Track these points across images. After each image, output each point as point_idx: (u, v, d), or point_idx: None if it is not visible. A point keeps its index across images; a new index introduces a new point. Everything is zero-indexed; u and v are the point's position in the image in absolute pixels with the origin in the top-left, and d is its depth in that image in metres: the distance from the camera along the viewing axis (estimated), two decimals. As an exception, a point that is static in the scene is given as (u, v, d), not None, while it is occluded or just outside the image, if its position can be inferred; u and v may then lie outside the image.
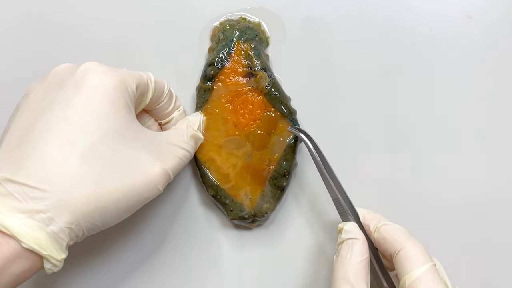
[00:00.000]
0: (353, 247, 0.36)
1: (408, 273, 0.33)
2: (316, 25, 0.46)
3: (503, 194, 0.44)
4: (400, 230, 0.36)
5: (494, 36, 0.46)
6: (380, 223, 0.37)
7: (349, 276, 0.35)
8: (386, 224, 0.37)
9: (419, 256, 0.34)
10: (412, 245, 0.35)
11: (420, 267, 0.33)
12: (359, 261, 0.35)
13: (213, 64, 0.43)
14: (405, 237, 0.35)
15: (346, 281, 0.34)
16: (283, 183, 0.42)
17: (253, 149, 0.42)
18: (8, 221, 0.30)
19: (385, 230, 0.36)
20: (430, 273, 0.33)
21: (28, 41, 0.46)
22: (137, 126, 0.36)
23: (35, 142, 0.32)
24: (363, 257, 0.35)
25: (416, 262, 0.34)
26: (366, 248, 0.36)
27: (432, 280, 0.33)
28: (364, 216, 0.38)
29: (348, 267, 0.35)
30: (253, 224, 0.43)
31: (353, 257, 0.35)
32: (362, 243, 0.36)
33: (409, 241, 0.35)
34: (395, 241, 0.35)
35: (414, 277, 0.33)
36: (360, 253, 0.36)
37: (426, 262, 0.34)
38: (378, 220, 0.37)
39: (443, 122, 0.45)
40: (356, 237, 0.36)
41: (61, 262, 0.32)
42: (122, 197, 0.33)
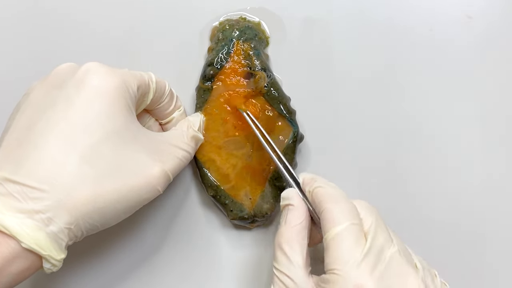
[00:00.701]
0: (288, 213, 0.36)
1: (325, 234, 0.33)
2: (316, 25, 0.46)
3: (503, 194, 0.44)
4: (327, 193, 0.35)
5: (494, 36, 0.46)
6: (313, 186, 0.36)
7: (281, 242, 0.34)
8: (318, 186, 0.36)
9: (336, 216, 0.33)
10: (333, 206, 0.34)
11: (335, 227, 0.33)
12: (292, 226, 0.35)
13: (212, 64, 0.43)
14: (328, 198, 0.34)
15: (278, 246, 0.34)
16: (283, 184, 0.42)
17: (253, 149, 0.42)
18: (8, 221, 0.30)
19: (316, 192, 0.35)
20: (345, 233, 0.32)
21: (28, 41, 0.46)
22: (138, 127, 0.36)
23: (35, 142, 0.32)
24: (296, 222, 0.35)
25: (332, 222, 0.33)
26: (301, 213, 0.35)
27: (346, 241, 0.32)
28: (303, 180, 0.37)
29: (282, 233, 0.35)
30: (253, 225, 0.43)
31: (287, 223, 0.35)
32: (296, 208, 0.36)
33: (330, 203, 0.34)
34: (320, 203, 0.34)
35: (329, 237, 0.32)
36: (294, 218, 0.35)
37: (343, 222, 0.33)
38: (313, 182, 0.36)
39: (443, 122, 0.45)
40: (291, 203, 0.36)
41: (60, 262, 0.32)
42: (122, 198, 0.33)
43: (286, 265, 0.34)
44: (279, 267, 0.34)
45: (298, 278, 0.33)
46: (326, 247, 0.33)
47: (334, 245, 0.32)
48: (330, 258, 0.32)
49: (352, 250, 0.32)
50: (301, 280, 0.33)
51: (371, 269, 0.31)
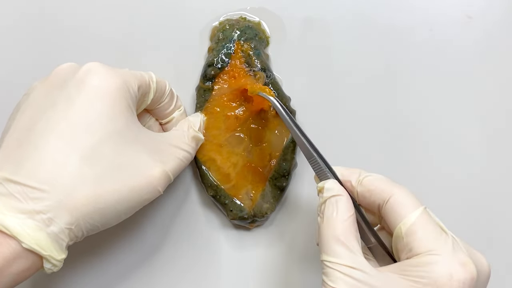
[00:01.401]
0: (338, 204, 0.34)
1: (403, 220, 0.32)
2: (316, 25, 0.46)
3: (503, 194, 0.44)
4: (384, 179, 0.34)
5: (494, 36, 0.46)
6: (361, 176, 0.35)
7: (339, 234, 0.32)
8: (368, 175, 0.35)
9: (410, 201, 0.33)
10: (401, 191, 0.33)
11: (413, 212, 0.32)
12: (346, 218, 0.33)
13: (212, 64, 0.43)
14: (391, 184, 0.34)
15: (336, 240, 0.32)
16: (283, 184, 0.42)
17: (252, 144, 0.42)
18: (9, 221, 0.30)
19: (369, 181, 0.34)
20: (425, 216, 0.32)
21: (29, 41, 0.46)
22: (138, 127, 0.36)
23: (36, 142, 0.32)
24: (350, 213, 0.33)
25: (409, 207, 0.32)
26: (351, 204, 0.34)
27: (429, 223, 0.32)
28: (342, 173, 0.36)
29: (337, 225, 0.33)
30: (252, 225, 0.43)
31: (339, 214, 0.33)
32: (346, 199, 0.34)
33: (396, 188, 0.33)
34: (383, 191, 0.33)
35: (409, 222, 0.32)
36: (346, 209, 0.33)
37: (418, 206, 0.33)
38: (358, 173, 0.35)
39: (443, 122, 0.45)
40: (340, 193, 0.34)
41: (60, 262, 0.32)
42: (122, 198, 0.33)
43: (349, 257, 0.31)
44: (339, 261, 0.31)
45: (368, 268, 0.31)
46: (408, 233, 0.32)
47: (419, 228, 0.32)
48: (420, 241, 0.31)
49: (439, 232, 0.32)
50: (372, 270, 0.31)
51: (460, 248, 0.31)
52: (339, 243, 0.32)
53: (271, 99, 0.39)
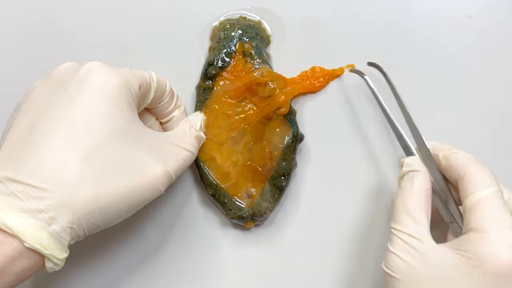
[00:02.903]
0: (413, 178, 0.36)
1: (469, 196, 0.33)
2: (316, 25, 0.46)
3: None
4: (467, 156, 0.35)
5: (494, 36, 0.46)
6: (448, 152, 0.36)
7: (408, 206, 0.34)
8: (455, 152, 0.36)
9: (483, 179, 0.33)
10: (477, 169, 0.34)
11: (482, 190, 0.33)
12: (419, 192, 0.35)
13: (213, 63, 0.43)
14: (471, 161, 0.35)
15: (405, 211, 0.34)
16: (282, 183, 0.42)
17: (252, 140, 0.42)
18: (11, 220, 0.30)
19: (453, 157, 0.36)
20: (493, 196, 0.33)
21: (29, 41, 0.46)
22: (140, 126, 0.36)
23: (38, 141, 0.32)
24: (424, 188, 0.35)
25: (479, 184, 0.33)
26: (427, 180, 0.36)
27: (496, 204, 0.32)
28: (433, 147, 0.38)
29: (408, 198, 0.35)
30: (250, 224, 0.43)
31: (413, 188, 0.35)
32: (423, 174, 0.36)
33: (474, 165, 0.34)
34: (460, 166, 0.35)
35: (475, 199, 0.33)
36: (421, 183, 0.35)
37: (490, 185, 0.33)
38: (447, 149, 0.37)
39: (443, 122, 0.45)
40: (417, 169, 0.36)
41: (62, 261, 0.32)
42: (123, 197, 0.33)
43: (412, 227, 0.34)
44: (403, 229, 0.34)
45: (427, 239, 0.33)
46: (471, 208, 0.33)
47: (482, 206, 0.32)
48: (478, 217, 0.32)
49: (502, 213, 0.32)
50: (429, 240, 0.33)
51: None
52: (407, 213, 0.34)
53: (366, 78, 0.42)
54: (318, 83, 0.45)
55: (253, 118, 0.42)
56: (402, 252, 0.33)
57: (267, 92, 0.42)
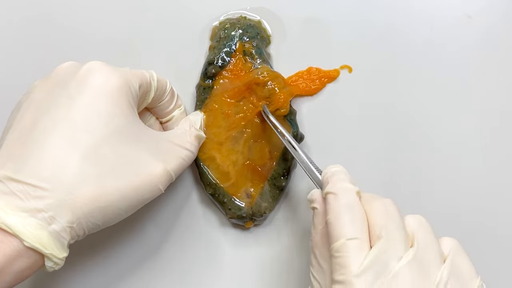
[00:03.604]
0: (313, 217, 0.34)
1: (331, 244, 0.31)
2: (316, 25, 0.46)
3: (502, 193, 0.44)
4: (333, 201, 0.32)
5: (494, 35, 0.46)
6: (324, 191, 0.34)
7: (312, 245, 0.34)
8: (328, 192, 0.33)
9: (336, 232, 0.31)
10: (333, 219, 0.32)
11: (334, 243, 0.31)
12: (318, 231, 0.34)
13: (213, 63, 0.43)
14: (331, 209, 0.32)
15: (311, 251, 0.34)
16: (282, 183, 0.42)
17: (252, 139, 0.42)
18: (10, 219, 0.30)
19: (326, 200, 0.33)
20: (345, 248, 0.30)
21: (29, 41, 0.46)
22: (140, 125, 0.36)
23: (38, 141, 0.32)
24: (320, 227, 0.34)
25: (332, 237, 0.31)
26: (323, 217, 0.34)
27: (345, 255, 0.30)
28: (322, 180, 0.35)
29: (312, 238, 0.34)
30: (249, 224, 0.43)
31: (314, 227, 0.34)
32: (319, 212, 0.34)
33: (331, 214, 0.32)
34: (326, 214, 0.33)
35: (331, 251, 0.31)
36: (317, 222, 0.34)
37: (339, 237, 0.31)
38: (326, 185, 0.34)
39: (443, 122, 0.45)
40: (315, 206, 0.34)
41: (62, 260, 0.32)
42: (123, 197, 0.33)
43: (316, 270, 0.33)
44: (312, 271, 0.33)
45: (325, 283, 0.32)
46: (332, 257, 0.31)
47: (332, 263, 0.31)
48: (331, 276, 0.31)
49: (348, 269, 0.29)
50: (327, 285, 0.32)
51: (368, 286, 0.29)
52: (312, 254, 0.34)
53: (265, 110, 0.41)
54: (315, 86, 0.45)
55: (252, 115, 0.42)
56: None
57: (266, 92, 0.42)
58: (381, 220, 0.32)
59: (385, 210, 0.32)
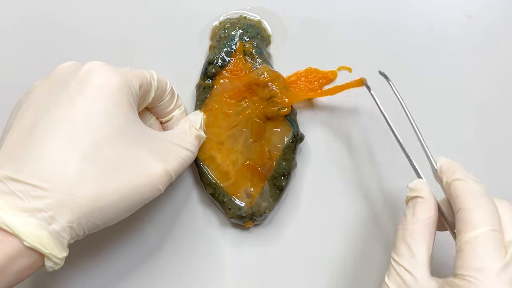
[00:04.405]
0: (415, 206, 0.34)
1: (460, 235, 0.31)
2: (316, 25, 0.46)
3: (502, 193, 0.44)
4: (468, 187, 0.32)
5: (494, 35, 0.46)
6: (451, 178, 0.34)
7: (406, 235, 0.33)
8: (457, 179, 0.33)
9: (476, 218, 0.31)
10: (473, 205, 0.31)
11: (472, 231, 0.30)
12: (420, 220, 0.33)
13: (213, 62, 0.43)
14: (468, 195, 0.32)
15: (402, 240, 0.33)
16: (282, 183, 0.42)
17: (252, 138, 0.42)
18: (10, 219, 0.30)
19: (454, 185, 0.33)
20: (484, 238, 0.30)
21: (29, 41, 0.46)
22: (140, 125, 0.36)
23: (38, 141, 0.32)
24: (425, 216, 0.33)
25: (470, 223, 0.31)
26: (431, 207, 0.33)
27: (485, 246, 0.30)
28: (441, 168, 0.35)
29: (408, 225, 0.33)
30: (249, 223, 0.43)
31: (414, 217, 0.33)
32: (425, 201, 0.34)
33: (470, 200, 0.32)
34: (457, 199, 0.32)
35: (463, 240, 0.30)
36: (423, 212, 0.33)
37: (483, 225, 0.30)
38: (451, 173, 0.34)
39: (443, 122, 0.45)
40: (419, 195, 0.34)
41: (62, 260, 0.32)
42: (124, 197, 0.33)
43: (407, 259, 0.32)
44: (399, 260, 0.33)
45: (420, 274, 0.31)
46: (459, 249, 0.31)
47: (469, 249, 0.30)
48: (463, 262, 0.30)
49: (490, 259, 0.29)
50: (422, 277, 0.31)
51: (509, 283, 0.29)
52: (404, 244, 0.33)
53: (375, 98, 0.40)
54: (313, 87, 0.44)
55: (253, 113, 0.42)
56: (394, 285, 0.32)
57: (267, 94, 0.42)
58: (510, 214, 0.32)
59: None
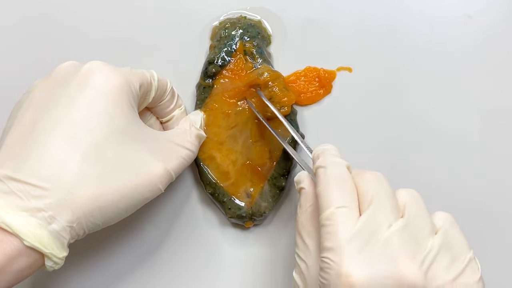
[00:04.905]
0: (300, 197, 0.35)
1: (319, 216, 0.31)
2: (316, 25, 0.46)
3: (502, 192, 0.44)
4: (324, 174, 0.33)
5: (494, 35, 0.46)
6: (315, 166, 0.34)
7: (297, 225, 0.34)
8: (318, 167, 0.34)
9: (324, 202, 0.31)
10: (322, 190, 0.32)
11: (322, 213, 0.31)
12: (304, 211, 0.34)
13: (213, 62, 0.43)
14: (322, 181, 0.32)
15: (297, 232, 0.34)
16: (282, 183, 0.42)
17: (252, 138, 0.42)
18: (10, 219, 0.30)
19: (317, 175, 0.34)
20: (330, 217, 0.30)
21: (29, 41, 0.46)
22: (140, 125, 0.36)
23: (38, 140, 0.32)
24: (307, 205, 0.34)
25: (320, 209, 0.31)
26: (311, 196, 0.34)
27: (331, 226, 0.30)
28: (312, 158, 0.36)
29: (298, 217, 0.35)
30: (249, 223, 0.43)
31: (300, 207, 0.35)
32: (306, 191, 0.35)
33: (321, 186, 0.32)
34: (318, 184, 0.33)
35: (321, 221, 0.31)
36: (304, 202, 0.35)
37: (329, 206, 0.31)
38: (316, 161, 0.35)
39: (443, 122, 0.45)
40: (302, 186, 0.35)
41: (62, 260, 0.32)
42: (124, 196, 0.33)
43: (302, 250, 0.33)
44: (297, 251, 0.34)
45: (311, 262, 0.32)
46: (320, 230, 0.31)
47: (322, 232, 0.31)
48: (321, 244, 0.31)
49: (338, 236, 0.29)
50: (313, 264, 0.32)
51: (357, 253, 0.29)
52: (298, 235, 0.34)
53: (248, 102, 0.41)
54: (313, 88, 0.44)
55: (252, 115, 0.42)
56: (297, 276, 0.33)
57: (267, 94, 0.42)
58: (371, 188, 0.32)
59: (376, 180, 0.33)
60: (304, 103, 0.45)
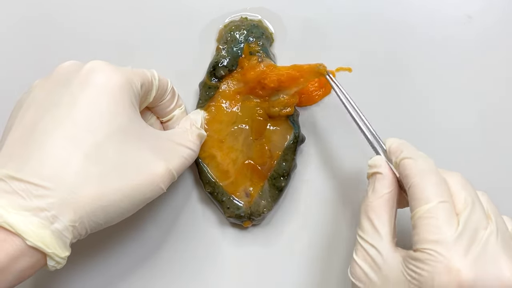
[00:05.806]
0: (375, 182, 0.35)
1: (413, 211, 0.32)
2: (316, 25, 0.46)
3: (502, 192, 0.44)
4: (415, 165, 0.33)
5: (494, 35, 0.46)
6: (400, 157, 0.34)
7: (368, 211, 0.34)
8: (405, 157, 0.34)
9: (424, 193, 0.32)
10: (420, 181, 0.32)
11: (422, 206, 0.31)
12: (380, 196, 0.34)
13: (220, 64, 0.43)
14: (415, 172, 0.33)
15: (365, 215, 0.34)
16: (281, 184, 0.42)
17: (252, 136, 0.42)
18: (13, 218, 0.30)
19: (402, 164, 0.34)
20: (435, 211, 0.31)
21: (29, 41, 0.46)
22: (142, 125, 0.36)
23: (40, 140, 0.32)
24: (384, 191, 0.34)
25: (419, 200, 0.32)
26: (389, 182, 0.35)
27: (436, 218, 0.31)
28: (389, 149, 0.36)
29: (370, 202, 0.34)
30: (247, 223, 0.43)
31: (374, 193, 0.34)
32: (384, 176, 0.35)
33: (418, 177, 0.32)
34: (407, 177, 0.33)
35: (416, 216, 0.32)
36: (382, 187, 0.34)
37: (432, 199, 0.31)
38: (399, 153, 0.35)
39: (443, 122, 0.45)
40: (378, 171, 0.35)
41: (64, 259, 0.32)
42: (126, 196, 0.33)
43: (371, 235, 0.33)
44: (364, 236, 0.34)
45: (384, 248, 0.33)
46: (414, 225, 0.32)
47: (423, 223, 0.31)
48: (419, 236, 0.31)
49: (444, 229, 0.30)
50: (387, 250, 0.32)
51: (464, 251, 0.30)
52: (367, 219, 0.34)
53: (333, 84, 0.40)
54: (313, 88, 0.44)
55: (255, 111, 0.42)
56: (362, 261, 0.33)
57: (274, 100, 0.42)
58: (462, 188, 0.33)
59: (466, 181, 0.34)
60: (304, 104, 0.45)
